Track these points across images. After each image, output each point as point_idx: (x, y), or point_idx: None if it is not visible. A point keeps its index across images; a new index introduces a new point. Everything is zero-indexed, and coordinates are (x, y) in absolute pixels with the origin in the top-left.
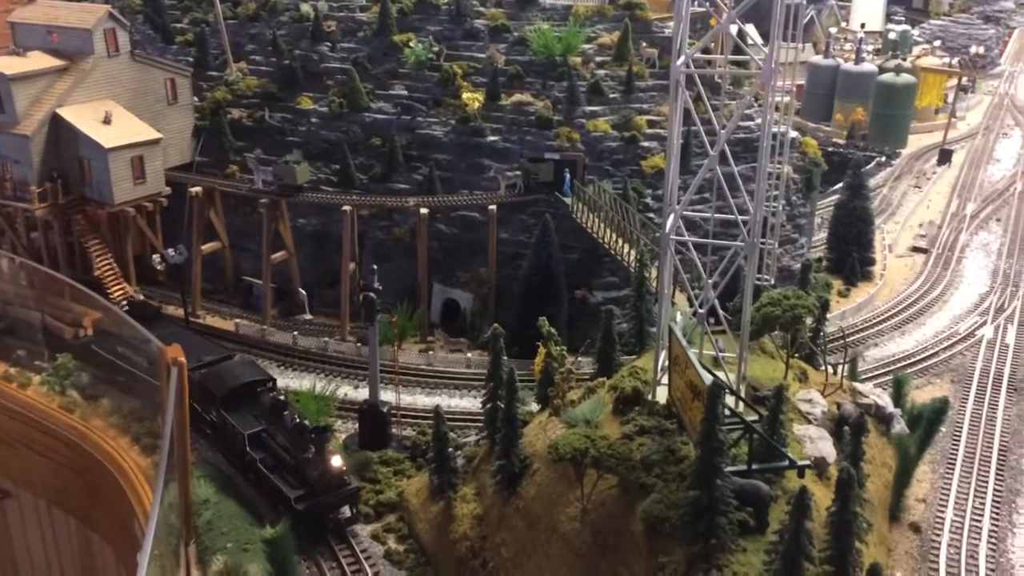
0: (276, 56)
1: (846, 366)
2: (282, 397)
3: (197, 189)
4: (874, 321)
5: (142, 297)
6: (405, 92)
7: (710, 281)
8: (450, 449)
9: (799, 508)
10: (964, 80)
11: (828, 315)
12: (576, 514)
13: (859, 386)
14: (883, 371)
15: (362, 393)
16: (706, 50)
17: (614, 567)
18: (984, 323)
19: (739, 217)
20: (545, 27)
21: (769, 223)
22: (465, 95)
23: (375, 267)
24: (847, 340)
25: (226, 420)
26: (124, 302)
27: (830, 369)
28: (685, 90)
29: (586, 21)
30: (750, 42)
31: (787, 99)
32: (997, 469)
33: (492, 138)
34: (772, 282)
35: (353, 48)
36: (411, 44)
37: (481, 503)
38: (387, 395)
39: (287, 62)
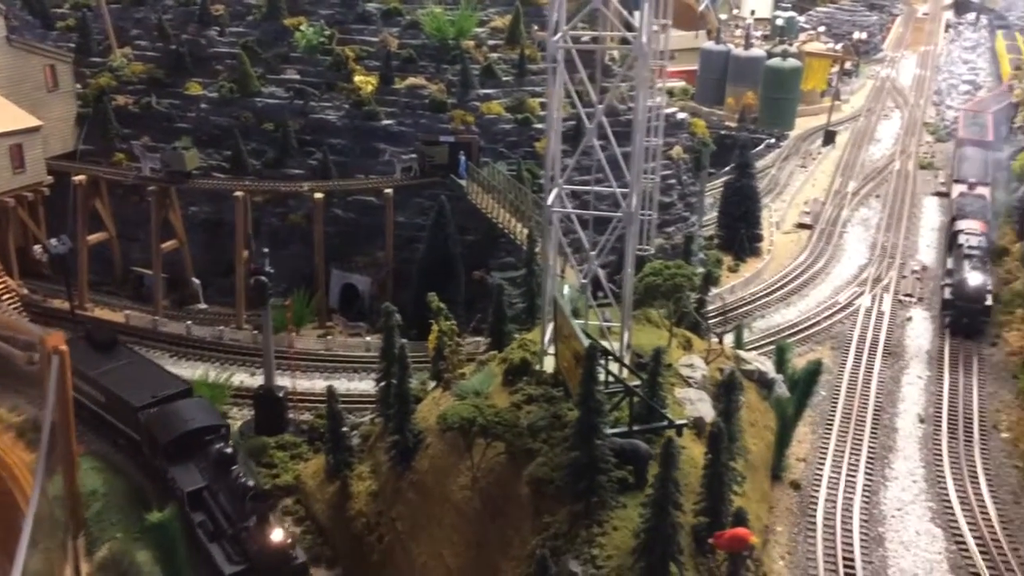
0: (162, 41)
1: (733, 336)
2: (229, 450)
3: (81, 178)
4: (761, 294)
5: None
6: (297, 76)
7: (592, 253)
8: (345, 429)
9: (666, 459)
10: (848, 64)
11: (718, 289)
12: (467, 483)
13: (743, 354)
14: (768, 340)
15: (259, 380)
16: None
17: (503, 531)
18: (862, 293)
19: (617, 190)
20: (437, 11)
21: (647, 195)
22: (358, 79)
23: (266, 251)
24: (727, 312)
25: (167, 473)
26: (81, 329)
27: (714, 338)
28: (563, 68)
29: (478, 5)
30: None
31: (666, 81)
32: (872, 428)
33: (387, 122)
34: (652, 252)
35: (242, 32)
36: (302, 28)
37: (377, 480)
38: (284, 381)
39: (174, 47)
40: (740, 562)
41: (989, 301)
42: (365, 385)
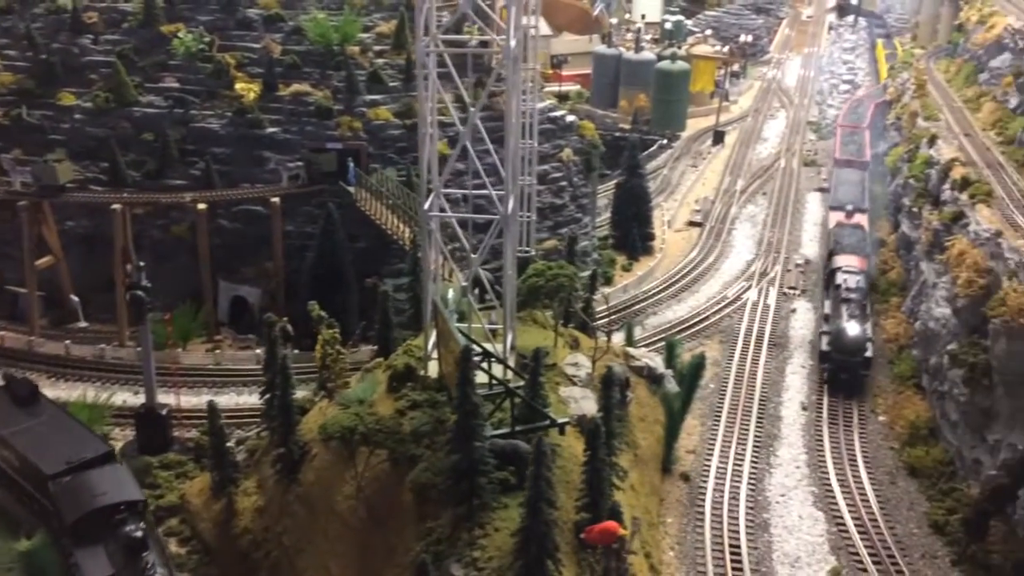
0: (32, 50)
1: (623, 333)
2: (139, 534)
3: None
4: (653, 291)
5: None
6: (177, 84)
7: (474, 256)
8: (230, 444)
9: (538, 457)
10: (735, 66)
11: (611, 288)
12: (351, 492)
13: (632, 350)
14: (660, 336)
15: (142, 399)
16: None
17: (387, 538)
18: (749, 287)
19: (493, 192)
20: (321, 16)
21: (527, 196)
22: (240, 86)
23: (142, 264)
24: (613, 311)
25: (71, 557)
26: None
27: (602, 336)
28: (436, 74)
29: (362, 10)
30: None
31: (539, 82)
32: (757, 417)
33: (271, 129)
34: (533, 253)
35: (118, 40)
36: (181, 35)
37: (263, 495)
38: (169, 398)
39: (44, 56)
40: (612, 554)
41: (870, 352)
42: (255, 399)
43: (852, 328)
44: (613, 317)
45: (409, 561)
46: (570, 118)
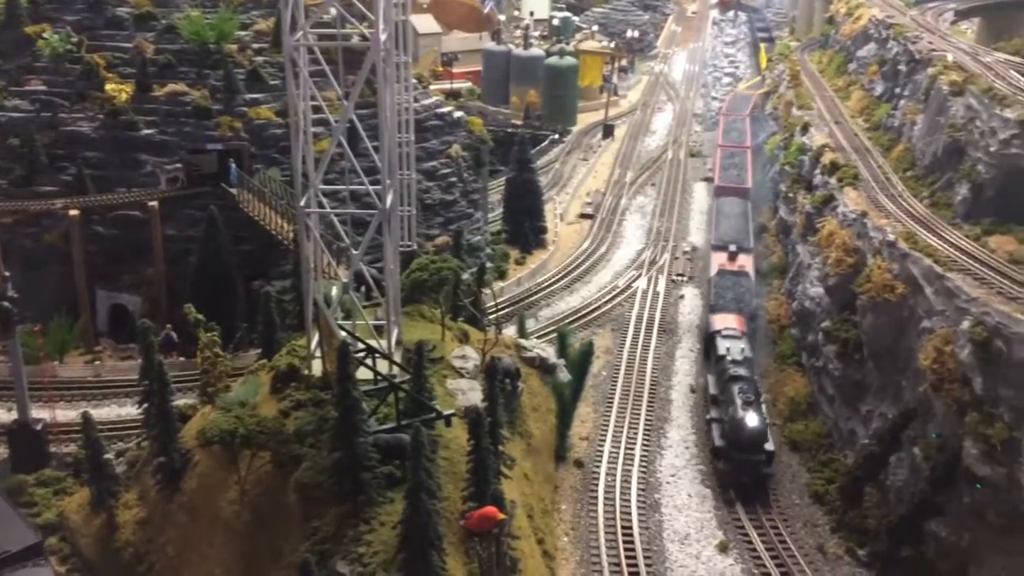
0: None
1: (516, 326)
2: None
3: None
4: (546, 283)
5: None
6: (44, 87)
7: (355, 252)
8: (108, 456)
9: (415, 448)
10: (623, 62)
11: (505, 282)
12: (235, 497)
13: (523, 342)
14: (553, 327)
15: (15, 414)
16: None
17: (273, 541)
18: (639, 276)
19: (371, 188)
20: (195, 14)
21: (406, 190)
22: (111, 87)
23: (7, 274)
24: (505, 304)
25: None
26: None
27: (491, 329)
28: (302, 64)
29: (239, 7)
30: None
31: (410, 71)
32: (648, 402)
33: (147, 131)
34: (415, 247)
35: None
36: (46, 35)
37: (145, 506)
38: (44, 412)
39: None
40: (492, 540)
41: (771, 444)
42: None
43: (751, 419)
44: (508, 310)
45: (296, 562)
46: (458, 114)
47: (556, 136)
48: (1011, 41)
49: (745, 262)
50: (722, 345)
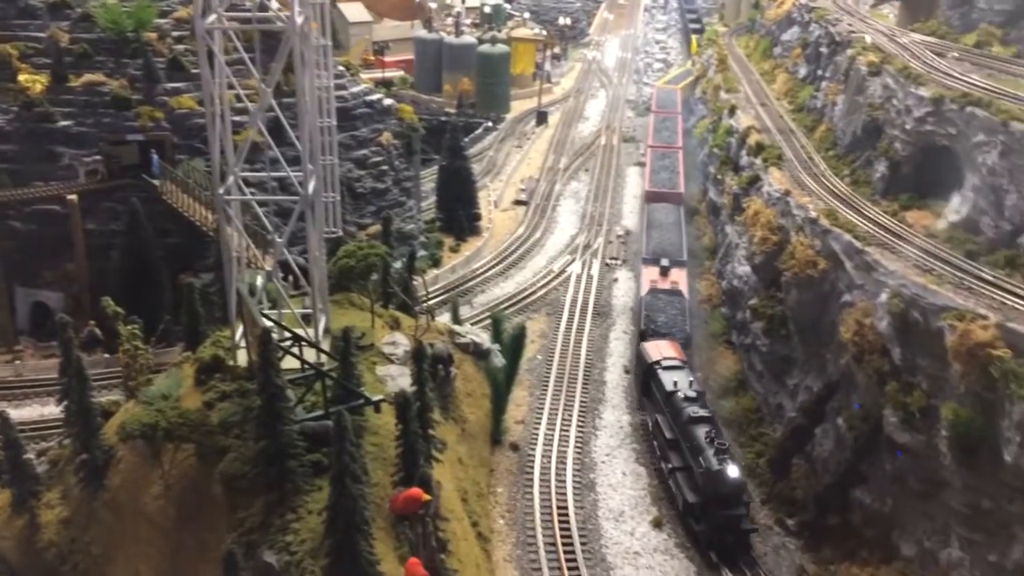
0: None
1: (450, 312)
2: None
3: None
4: (481, 270)
5: None
6: None
7: (280, 240)
8: (29, 456)
9: (338, 432)
10: (556, 49)
11: (439, 270)
12: (160, 492)
13: (456, 327)
14: (488, 313)
15: None
16: (263, 7)
17: (199, 534)
18: (574, 260)
19: (292, 174)
20: (112, 2)
21: (329, 177)
22: (24, 78)
23: None
24: (439, 291)
25: None
26: None
27: (423, 316)
28: (217, 47)
29: None
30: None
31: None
32: (583, 384)
33: (64, 123)
34: (340, 234)
35: None
36: None
37: (68, 505)
38: None
39: None
40: (418, 520)
41: (747, 496)
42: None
43: (731, 471)
44: (443, 297)
45: (223, 554)
46: (388, 102)
47: (490, 124)
48: (927, 22)
49: (679, 278)
50: (667, 379)
